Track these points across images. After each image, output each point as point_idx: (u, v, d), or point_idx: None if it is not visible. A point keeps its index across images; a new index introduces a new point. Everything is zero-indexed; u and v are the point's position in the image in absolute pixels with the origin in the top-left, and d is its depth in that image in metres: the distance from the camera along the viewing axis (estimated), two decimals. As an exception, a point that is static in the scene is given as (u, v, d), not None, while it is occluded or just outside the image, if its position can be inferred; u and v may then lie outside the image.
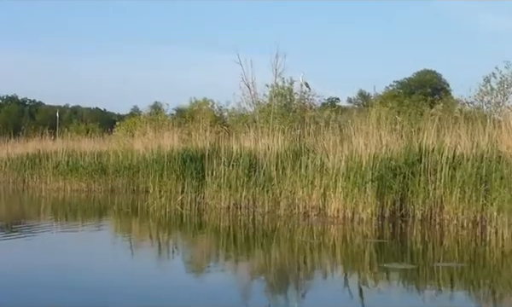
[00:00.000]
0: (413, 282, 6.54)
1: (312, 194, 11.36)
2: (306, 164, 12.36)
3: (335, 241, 9.24)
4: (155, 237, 10.11)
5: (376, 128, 12.43)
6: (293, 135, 15.31)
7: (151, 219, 11.94)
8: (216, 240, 9.69)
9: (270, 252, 8.55)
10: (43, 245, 8.91)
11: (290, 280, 6.78)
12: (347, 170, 10.98)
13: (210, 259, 8.16)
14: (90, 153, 18.52)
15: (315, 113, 18.94)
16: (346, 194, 10.64)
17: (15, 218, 12.64)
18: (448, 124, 12.05)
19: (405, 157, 11.32)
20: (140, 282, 6.26)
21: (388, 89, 61.46)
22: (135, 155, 18.11)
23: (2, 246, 8.64)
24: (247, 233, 10.39)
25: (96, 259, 7.74)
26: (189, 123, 22.22)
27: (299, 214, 11.28)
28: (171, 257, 8.34)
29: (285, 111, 19.82)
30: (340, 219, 10.57)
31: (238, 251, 8.68)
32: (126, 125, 23.31)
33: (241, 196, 12.44)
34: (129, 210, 13.43)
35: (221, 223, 11.39)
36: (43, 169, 18.98)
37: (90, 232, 10.74)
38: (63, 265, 7.20)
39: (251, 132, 15.72)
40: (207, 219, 11.85)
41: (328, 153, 12.24)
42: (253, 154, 13.81)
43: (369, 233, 9.63)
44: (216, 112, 25.58)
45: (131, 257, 8.04)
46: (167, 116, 24.86)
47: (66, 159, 18.20)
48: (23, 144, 24.95)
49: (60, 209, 14.53)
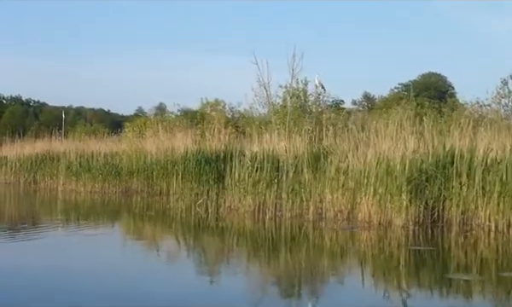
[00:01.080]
0: (494, 295, 6.10)
1: (342, 198, 11.04)
2: (332, 166, 12.07)
3: (379, 248, 8.88)
4: (183, 242, 9.81)
5: (400, 130, 12.16)
6: (310, 137, 15.02)
7: (176, 223, 11.63)
8: (245, 244, 9.36)
9: (304, 260, 8.22)
10: (82, 249, 8.58)
11: (337, 294, 6.24)
12: (378, 173, 10.64)
13: (240, 265, 7.87)
14: (102, 154, 18.15)
15: (332, 115, 18.67)
16: (379, 199, 10.30)
17: (40, 222, 12.07)
18: (467, 127, 11.76)
19: (436, 160, 11.01)
20: (176, 288, 6.03)
21: (393, 91, 61.35)
22: (148, 157, 17.81)
23: (40, 249, 8.31)
24: (277, 238, 10.06)
25: (128, 264, 7.42)
26: (201, 124, 21.92)
27: (328, 219, 10.94)
28: (201, 261, 8.06)
29: (301, 112, 19.54)
30: (372, 224, 10.24)
31: (269, 257, 8.38)
32: (137, 126, 22.98)
33: (267, 199, 12.08)
34: (151, 213, 13.06)
35: (247, 227, 11.05)
36: (54, 170, 18.61)
37: (119, 236, 10.50)
38: (102, 270, 6.91)
39: (267, 134, 15.43)
40: (232, 223, 11.48)
41: (354, 156, 11.95)
42: (274, 156, 13.50)
43: (406, 239, 9.30)
44: (227, 113, 25.24)
45: (163, 262, 7.76)
46: (178, 117, 24.51)
47: (78, 159, 17.83)
48: (31, 144, 24.67)
49: (82, 211, 14.12)
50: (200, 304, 5.44)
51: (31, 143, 24.82)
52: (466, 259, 8.05)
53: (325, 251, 8.69)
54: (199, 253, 8.78)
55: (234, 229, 10.89)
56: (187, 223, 11.54)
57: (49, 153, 22.39)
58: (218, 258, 8.37)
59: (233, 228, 10.95)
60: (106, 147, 20.66)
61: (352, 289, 6.34)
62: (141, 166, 17.43)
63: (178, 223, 11.54)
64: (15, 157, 22.88)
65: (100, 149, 19.33)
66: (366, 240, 9.38)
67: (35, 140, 25.58)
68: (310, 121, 17.98)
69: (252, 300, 5.78)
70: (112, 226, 11.88)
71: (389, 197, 10.20)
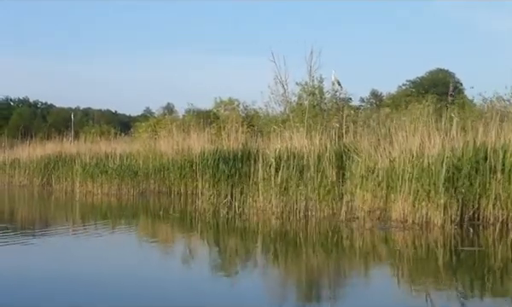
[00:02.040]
0: None
1: (373, 197, 10.70)
2: (359, 164, 11.74)
3: (426, 250, 8.50)
4: (215, 244, 9.49)
5: (425, 126, 11.84)
6: (330, 135, 14.70)
7: (203, 224, 11.31)
8: (278, 246, 9.05)
9: (344, 262, 7.90)
10: (120, 254, 8.35)
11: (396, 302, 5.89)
12: (412, 171, 10.28)
13: (275, 266, 7.66)
14: (118, 155, 17.81)
15: (352, 112, 18.31)
16: (414, 198, 9.94)
17: (69, 226, 11.65)
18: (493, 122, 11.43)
19: (470, 156, 10.64)
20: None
21: (401, 88, 60.93)
22: (164, 157, 17.50)
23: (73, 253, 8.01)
24: (310, 239, 9.70)
25: (169, 268, 7.14)
26: (215, 123, 21.60)
27: (360, 218, 10.58)
28: (239, 264, 7.76)
29: (318, 110, 19.22)
30: (407, 224, 9.88)
31: (304, 259, 8.11)
32: (150, 126, 22.68)
33: (295, 199, 11.73)
34: (176, 214, 12.69)
35: (277, 228, 10.67)
36: (69, 171, 18.29)
37: (154, 239, 10.22)
38: (142, 273, 6.61)
39: (287, 132, 15.11)
40: (261, 224, 11.10)
41: (383, 154, 11.62)
42: (298, 155, 13.16)
43: (449, 239, 8.95)
44: (241, 111, 24.91)
45: (199, 265, 7.45)
46: (192, 116, 24.18)
47: (94, 161, 17.50)
48: (42, 146, 24.40)
49: (107, 214, 13.71)
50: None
51: (41, 145, 24.54)
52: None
53: (365, 252, 8.38)
54: (237, 256, 8.44)
55: (265, 231, 10.53)
56: (215, 225, 11.20)
57: (61, 154, 22.09)
58: (253, 261, 8.08)
59: (264, 230, 10.60)
60: (120, 147, 20.36)
61: (415, 296, 5.99)
62: (157, 167, 17.12)
63: (206, 225, 11.21)
64: (28, 159, 22.57)
65: (114, 150, 19.00)
66: (407, 241, 9.02)
67: (45, 141, 25.31)
68: (329, 119, 17.69)
69: (288, 303, 5.64)
70: (143, 229, 11.47)
71: (425, 195, 9.84)
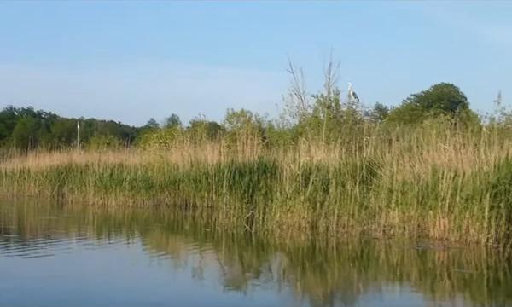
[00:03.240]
0: None
1: (406, 214, 10.31)
2: (385, 179, 11.39)
3: (477, 269, 7.98)
4: (243, 262, 9.06)
5: (447, 141, 11.53)
6: (348, 148, 14.37)
7: (228, 239, 10.87)
8: (310, 264, 8.60)
9: (385, 284, 7.49)
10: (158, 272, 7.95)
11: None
12: (450, 186, 9.89)
13: (308, 286, 7.23)
14: (132, 166, 17.41)
15: (371, 125, 17.97)
16: (454, 214, 9.54)
17: (101, 241, 11.08)
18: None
19: (506, 172, 10.26)
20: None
21: (405, 102, 60.73)
22: (180, 169, 17.12)
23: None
24: (346, 258, 9.16)
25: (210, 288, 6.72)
26: (227, 135, 21.27)
27: (395, 235, 10.17)
28: (276, 282, 7.33)
29: (336, 123, 18.91)
30: (446, 242, 9.48)
31: (340, 279, 7.70)
32: (161, 137, 22.30)
33: (321, 214, 11.34)
34: (207, 229, 12.14)
35: (306, 245, 10.22)
36: (82, 183, 17.86)
37: (191, 256, 9.58)
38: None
39: (305, 145, 14.77)
40: (290, 240, 10.64)
41: (412, 169, 11.28)
42: (320, 168, 12.80)
43: (499, 258, 8.53)
44: (254, 124, 24.58)
45: (234, 282, 7.04)
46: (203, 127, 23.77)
47: (108, 172, 17.09)
48: (49, 156, 24.05)
49: (132, 228, 13.11)
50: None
51: (49, 155, 24.18)
52: None
53: (407, 273, 7.93)
54: (271, 274, 8.04)
55: (297, 248, 10.05)
56: (241, 240, 10.71)
57: (70, 165, 21.72)
58: (289, 280, 7.67)
59: (295, 247, 10.12)
60: (130, 158, 20.00)
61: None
62: (172, 179, 16.73)
63: (231, 240, 10.77)
64: (37, 169, 22.16)
65: (125, 161, 18.62)
66: (451, 260, 8.57)
67: (51, 151, 24.96)
68: (348, 131, 17.36)
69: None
70: (174, 244, 10.88)
71: (466, 212, 9.44)
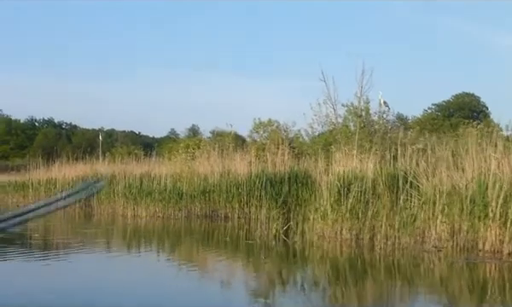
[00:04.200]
0: None
1: (453, 226, 9.94)
2: (428, 189, 11.03)
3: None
4: (290, 275, 8.76)
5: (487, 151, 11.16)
6: (382, 157, 14.04)
7: (270, 252, 10.56)
8: (359, 279, 8.30)
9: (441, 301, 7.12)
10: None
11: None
12: (499, 196, 9.50)
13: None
14: (161, 176, 17.18)
15: (404, 135, 17.61)
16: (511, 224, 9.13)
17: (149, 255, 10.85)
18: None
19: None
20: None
21: (426, 111, 60.20)
22: (209, 179, 16.89)
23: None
24: (398, 273, 8.80)
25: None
26: (252, 145, 21.07)
27: (445, 248, 9.78)
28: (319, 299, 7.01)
29: (367, 132, 18.60)
30: (503, 255, 9.05)
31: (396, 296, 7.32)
32: (188, 147, 22.14)
33: (369, 226, 10.98)
34: (249, 242, 11.78)
35: (352, 258, 9.87)
36: (112, 193, 17.68)
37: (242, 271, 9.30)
38: None
39: (337, 155, 14.45)
40: (334, 254, 10.30)
41: (454, 178, 10.91)
42: (358, 178, 12.47)
43: None
44: (281, 133, 24.33)
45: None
46: (231, 138, 23.57)
47: (138, 182, 16.89)
48: (74, 167, 23.98)
49: (170, 239, 12.80)
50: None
51: (74, 166, 24.11)
52: None
53: (469, 291, 7.57)
54: (318, 290, 7.73)
55: (343, 260, 9.71)
56: (286, 254, 10.40)
57: (96, 175, 21.58)
58: (344, 293, 7.36)
59: (342, 260, 9.76)
60: (156, 169, 19.80)
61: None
62: (202, 189, 16.51)
63: (276, 253, 10.45)
64: (63, 180, 22.07)
65: (153, 171, 18.43)
66: (509, 274, 8.19)
67: (75, 162, 24.88)
68: (381, 141, 17.04)
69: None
70: (226, 260, 10.35)
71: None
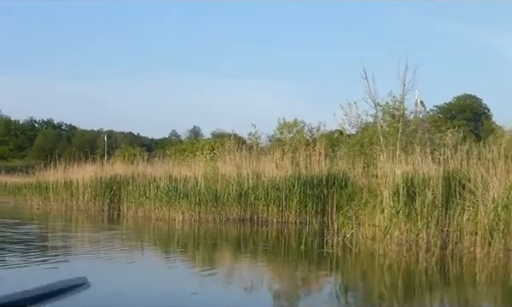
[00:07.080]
0: None
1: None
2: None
3: None
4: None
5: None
6: (435, 159, 13.50)
7: (338, 261, 9.87)
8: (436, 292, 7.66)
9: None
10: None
11: None
12: None
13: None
14: (199, 178, 16.49)
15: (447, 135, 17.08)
16: None
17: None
18: None
19: None
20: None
21: (428, 113, 59.91)
22: (245, 182, 16.29)
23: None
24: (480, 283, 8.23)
25: None
26: (280, 147, 20.58)
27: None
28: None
29: (408, 132, 18.15)
30: None
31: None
32: (212, 148, 21.53)
33: (432, 232, 10.38)
34: (303, 247, 10.94)
35: (422, 267, 9.19)
36: (142, 196, 16.97)
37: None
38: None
39: (384, 155, 13.88)
40: (398, 261, 9.64)
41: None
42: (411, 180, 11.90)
43: None
44: (306, 134, 23.77)
45: None
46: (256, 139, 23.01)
47: (173, 184, 16.20)
48: (84, 168, 23.29)
49: (222, 247, 11.74)
50: None
51: (89, 166, 23.41)
52: None
53: None
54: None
55: (414, 268, 9.07)
56: (352, 263, 9.70)
57: (115, 177, 20.91)
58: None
59: (411, 267, 9.18)
60: (176, 170, 19.13)
61: None
62: (238, 192, 15.88)
63: (337, 261, 9.72)
64: (81, 182, 21.30)
65: (183, 173, 17.76)
66: None
67: (82, 163, 24.17)
68: (424, 142, 16.57)
69: None
70: (290, 272, 9.06)
71: None
